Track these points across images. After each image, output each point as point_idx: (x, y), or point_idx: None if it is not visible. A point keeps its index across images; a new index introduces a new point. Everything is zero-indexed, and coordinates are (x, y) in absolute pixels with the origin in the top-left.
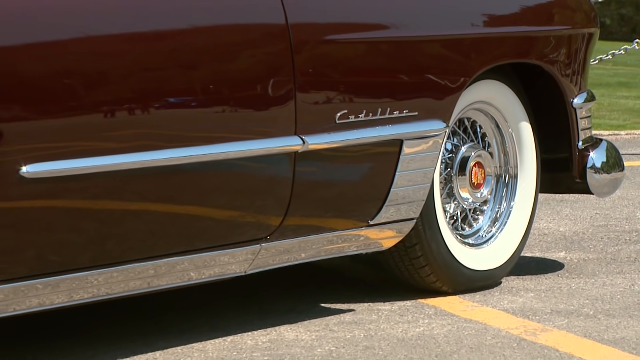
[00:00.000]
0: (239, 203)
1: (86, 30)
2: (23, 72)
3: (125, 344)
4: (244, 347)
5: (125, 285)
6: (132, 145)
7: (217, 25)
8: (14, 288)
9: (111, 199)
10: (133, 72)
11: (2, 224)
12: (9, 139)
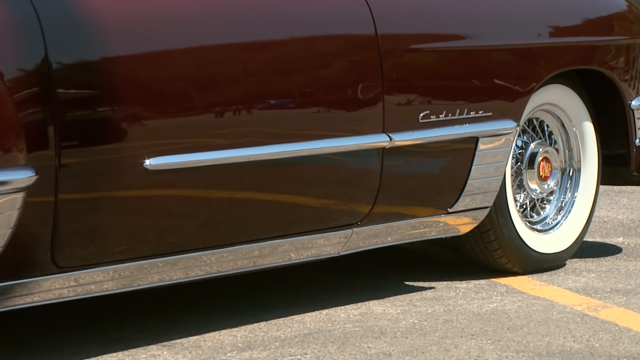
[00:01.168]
0: (333, 193)
1: (198, 41)
2: (145, 78)
3: (233, 314)
4: (337, 319)
5: (234, 264)
6: (239, 141)
7: (314, 36)
8: (138, 266)
9: (221, 189)
10: (239, 77)
11: (128, 210)
12: (134, 135)
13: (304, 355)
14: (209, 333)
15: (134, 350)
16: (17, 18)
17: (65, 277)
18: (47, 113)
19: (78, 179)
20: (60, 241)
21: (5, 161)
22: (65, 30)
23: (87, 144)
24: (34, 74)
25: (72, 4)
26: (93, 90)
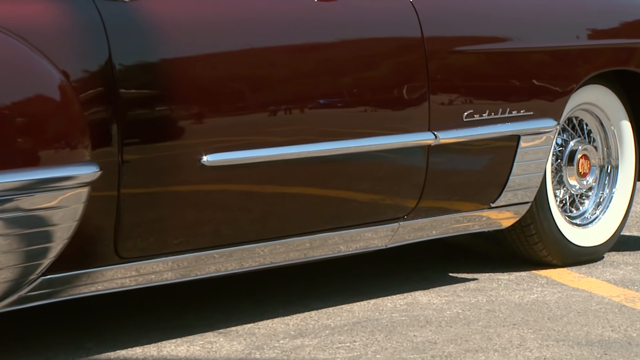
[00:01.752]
0: (380, 188)
1: (252, 43)
2: (201, 78)
3: (285, 304)
4: (384, 309)
5: (286, 255)
6: (291, 139)
7: (362, 39)
8: (196, 257)
9: (274, 184)
10: (291, 78)
11: (186, 204)
12: (192, 133)
13: (352, 342)
14: (263, 321)
15: (192, 337)
16: (83, 22)
17: (127, 268)
18: (110, 112)
19: (139, 175)
20: (122, 233)
21: (71, 157)
22: (127, 33)
23: (147, 142)
24: (98, 75)
25: (134, 9)
26: (153, 91)
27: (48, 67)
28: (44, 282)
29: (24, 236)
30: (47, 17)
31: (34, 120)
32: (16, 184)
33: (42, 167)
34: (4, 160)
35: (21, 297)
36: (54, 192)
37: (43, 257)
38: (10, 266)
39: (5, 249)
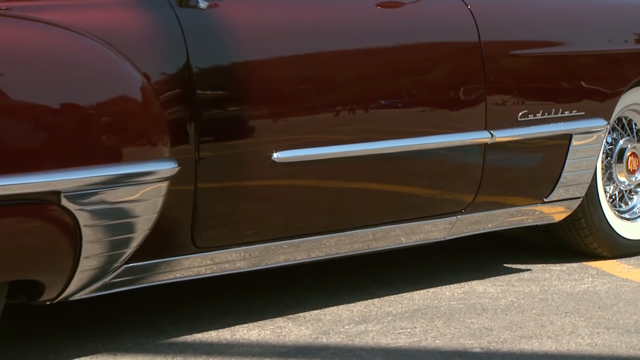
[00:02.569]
0: (439, 183)
1: (318, 47)
2: (272, 80)
3: (350, 291)
4: (443, 297)
5: (351, 246)
6: (355, 137)
7: (423, 43)
8: (266, 247)
9: (339, 179)
10: (355, 80)
11: (257, 197)
12: (263, 132)
13: (413, 328)
14: (329, 308)
15: (263, 322)
16: (163, 28)
17: (203, 257)
18: (187, 112)
19: (214, 170)
20: (198, 225)
21: (152, 154)
22: (204, 38)
23: (222, 139)
24: (176, 77)
25: (210, 16)
26: (227, 92)
27: (131, 70)
28: (127, 270)
29: (108, 227)
30: (130, 24)
31: (118, 120)
32: (101, 179)
33: (125, 163)
34: (91, 157)
35: (105, 283)
36: (136, 186)
37: (126, 247)
38: (96, 255)
39: (92, 239)
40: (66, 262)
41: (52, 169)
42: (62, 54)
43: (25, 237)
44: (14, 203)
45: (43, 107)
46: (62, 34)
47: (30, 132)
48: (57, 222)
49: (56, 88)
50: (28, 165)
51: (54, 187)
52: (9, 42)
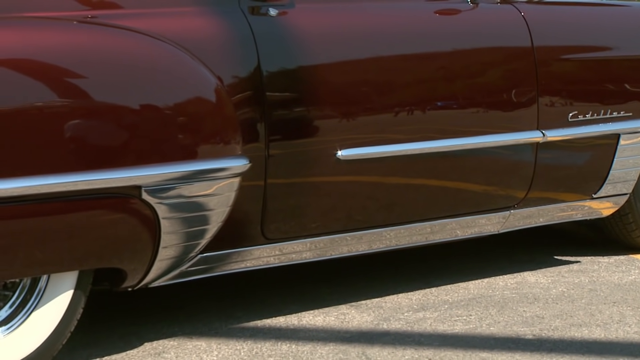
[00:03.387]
0: (493, 180)
1: (379, 52)
2: (336, 83)
3: (408, 281)
4: (497, 287)
5: (409, 239)
6: (414, 136)
7: (478, 48)
8: (331, 239)
9: (399, 176)
10: (413, 83)
11: (322, 193)
12: (328, 131)
13: (469, 316)
14: (389, 296)
15: (327, 309)
16: (236, 34)
17: (272, 248)
18: (258, 112)
19: (283, 167)
20: (268, 217)
21: (226, 151)
22: (274, 43)
23: (290, 138)
24: (248, 80)
25: (280, 22)
26: (295, 94)
27: (206, 74)
28: (201, 259)
29: (185, 219)
30: (206, 31)
31: (194, 119)
32: (178, 174)
33: (201, 160)
34: (169, 154)
35: (182, 271)
36: (211, 182)
37: (201, 238)
38: (174, 245)
39: (170, 230)
40: (146, 252)
41: (133, 165)
42: (142, 58)
43: (109, 228)
44: (99, 197)
45: (125, 107)
46: (143, 40)
47: (113, 131)
48: (138, 215)
49: (137, 90)
50: (112, 162)
51: (135, 182)
52: (94, 48)
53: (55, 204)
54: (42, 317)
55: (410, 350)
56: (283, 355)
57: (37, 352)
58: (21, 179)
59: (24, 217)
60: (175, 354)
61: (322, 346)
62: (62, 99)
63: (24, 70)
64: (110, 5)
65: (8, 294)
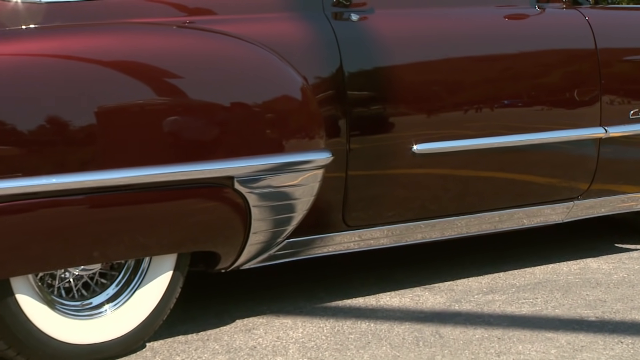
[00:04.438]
0: (558, 173)
1: (450, 54)
2: (411, 82)
3: (478, 266)
4: (561, 272)
5: (479, 227)
6: (483, 132)
7: (543, 50)
8: (406, 226)
9: (469, 168)
10: (482, 83)
11: (398, 184)
12: (404, 127)
13: (535, 299)
14: (460, 280)
15: (403, 291)
16: (320, 37)
17: (352, 234)
18: (340, 110)
19: (362, 160)
20: (349, 206)
21: (310, 145)
22: (355, 46)
23: (369, 134)
24: (331, 79)
25: (361, 27)
26: (374, 92)
27: (293, 74)
28: (288, 244)
29: (273, 207)
30: (292, 34)
31: (282, 116)
32: (267, 166)
33: (288, 153)
34: (259, 147)
35: (270, 255)
36: (297, 173)
37: (287, 224)
38: (263, 231)
39: (259, 217)
40: (238, 237)
41: (227, 157)
42: (235, 59)
43: (205, 214)
44: (195, 186)
45: (219, 105)
46: (235, 43)
47: (209, 127)
48: (231, 203)
49: (230, 88)
50: (207, 154)
51: (228, 173)
52: (191, 50)
53: (157, 193)
54: (145, 295)
55: (481, 330)
56: (362, 332)
57: (140, 327)
58: (127, 169)
59: (129, 204)
60: (264, 330)
61: (399, 325)
62: (163, 97)
63: (129, 71)
64: (206, 12)
65: (114, 274)
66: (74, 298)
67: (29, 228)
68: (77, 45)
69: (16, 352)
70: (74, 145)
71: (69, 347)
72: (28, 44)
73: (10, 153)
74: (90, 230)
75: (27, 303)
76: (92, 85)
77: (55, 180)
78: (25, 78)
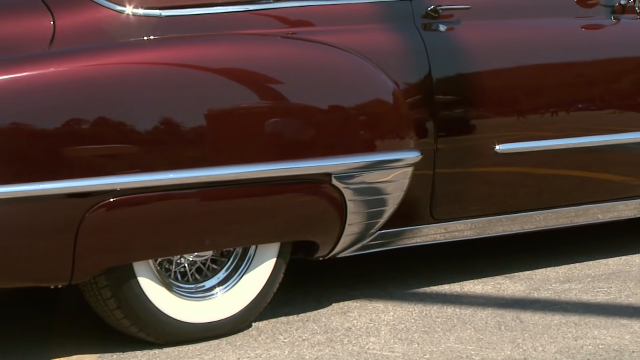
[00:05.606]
0: (631, 171)
1: (528, 61)
2: (493, 87)
3: (555, 257)
4: (633, 263)
5: (556, 221)
6: (560, 134)
7: (618, 58)
8: (488, 220)
9: (546, 167)
10: (558, 87)
11: (481, 181)
12: (487, 128)
13: (609, 288)
14: (538, 269)
15: (485, 279)
16: (411, 47)
17: (438, 226)
18: (428, 112)
19: (448, 159)
20: (435, 201)
21: (401, 145)
22: (442, 54)
23: (454, 134)
24: (420, 85)
25: (448, 37)
26: (460, 97)
27: (385, 79)
28: (379, 235)
29: (367, 201)
30: (385, 43)
31: (375, 118)
32: (362, 164)
33: (380, 152)
34: (354, 146)
35: (364, 245)
36: (388, 170)
37: (379, 217)
38: (358, 223)
39: (354, 210)
40: (335, 228)
41: (325, 155)
42: (333, 66)
43: (305, 207)
44: (297, 182)
45: (318, 108)
46: (333, 51)
47: (308, 128)
48: (329, 197)
49: (328, 93)
50: (307, 153)
51: (326, 170)
52: (294, 58)
53: (262, 187)
54: (251, 280)
55: (558, 316)
56: (448, 317)
57: (247, 308)
58: (235, 166)
59: (237, 197)
60: (358, 313)
61: (482, 310)
62: (269, 101)
63: (238, 77)
64: (306, 24)
65: (224, 260)
66: (188, 281)
67: (148, 218)
68: (192, 54)
69: (138, 328)
70: (189, 144)
71: (184, 325)
72: (151, 53)
73: (136, 150)
74: (202, 220)
75: (148, 285)
76: (205, 90)
77: (172, 176)
78: (148, 84)
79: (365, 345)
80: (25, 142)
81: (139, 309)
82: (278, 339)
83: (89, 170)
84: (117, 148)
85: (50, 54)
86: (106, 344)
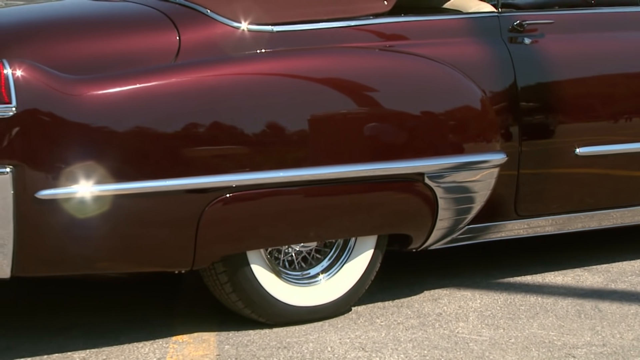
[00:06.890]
0: None
1: (609, 71)
2: (574, 95)
3: (630, 252)
4: None
5: (632, 218)
6: (636, 138)
7: None
8: (568, 217)
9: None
10: (630, 95)
11: (562, 181)
12: (568, 133)
13: None
14: (615, 262)
15: (564, 271)
16: (498, 57)
17: (521, 222)
18: (513, 118)
19: (532, 160)
20: (519, 199)
21: (488, 147)
22: (527, 65)
23: (537, 138)
24: (506, 93)
25: (532, 48)
26: (543, 104)
27: (474, 88)
28: (468, 229)
29: (456, 199)
30: (474, 55)
31: (464, 123)
32: (452, 165)
33: (469, 154)
34: (445, 149)
35: (453, 239)
36: (477, 171)
37: (468, 213)
38: (448, 218)
39: (445, 207)
40: (427, 222)
41: (419, 157)
42: (426, 76)
43: (400, 204)
44: (392, 180)
45: (412, 114)
46: (426, 62)
47: (403, 131)
48: (422, 195)
49: (422, 100)
50: (403, 154)
51: (420, 170)
52: (391, 68)
53: (361, 185)
54: (351, 268)
55: (635, 306)
56: (531, 305)
57: (348, 294)
58: (337, 166)
59: (338, 194)
60: (448, 300)
61: (562, 300)
62: (367, 107)
63: (339, 86)
64: (401, 37)
65: (327, 250)
66: (295, 269)
67: (259, 212)
68: (300, 65)
69: (251, 310)
70: (294, 146)
71: (291, 308)
72: (264, 64)
73: (250, 151)
74: (306, 215)
75: (260, 272)
76: (311, 97)
77: (281, 174)
78: (260, 92)
79: (455, 329)
80: (152, 144)
81: (251, 292)
82: (375, 322)
83: (207, 169)
84: (233, 149)
85: (176, 66)
86: (223, 324)
